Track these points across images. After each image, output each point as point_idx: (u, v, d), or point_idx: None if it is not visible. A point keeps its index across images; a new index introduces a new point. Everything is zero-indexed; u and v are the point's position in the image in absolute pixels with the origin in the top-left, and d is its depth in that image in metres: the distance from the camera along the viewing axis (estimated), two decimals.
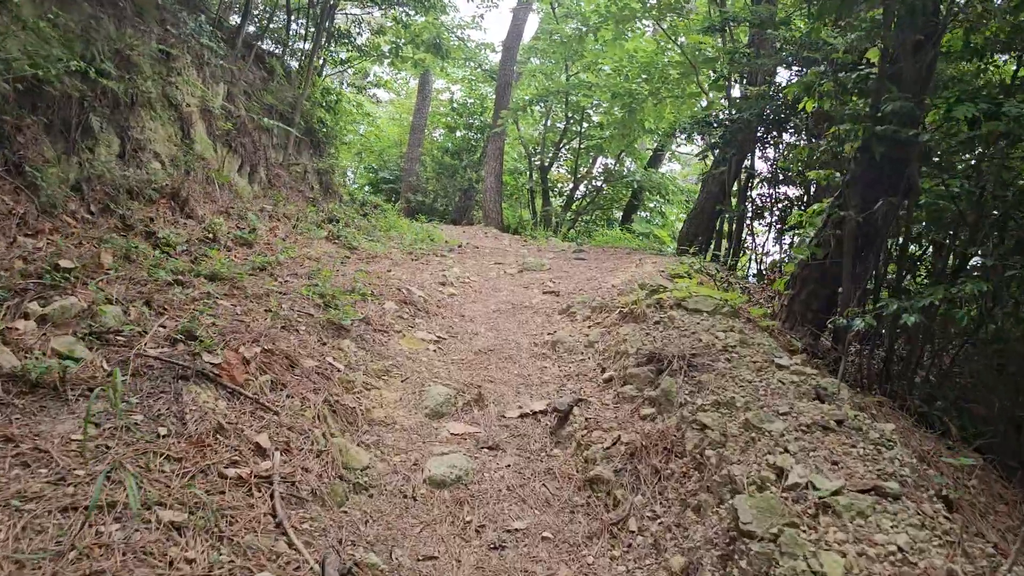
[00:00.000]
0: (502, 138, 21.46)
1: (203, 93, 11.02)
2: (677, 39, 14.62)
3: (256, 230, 8.85)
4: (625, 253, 11.72)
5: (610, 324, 6.55)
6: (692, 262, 9.75)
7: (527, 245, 16.82)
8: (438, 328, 6.96)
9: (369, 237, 10.73)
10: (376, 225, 13.24)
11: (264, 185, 11.99)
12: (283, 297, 6.39)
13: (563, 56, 19.70)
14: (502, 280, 9.14)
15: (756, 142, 12.18)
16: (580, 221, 21.99)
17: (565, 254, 11.94)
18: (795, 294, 6.59)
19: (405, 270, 8.82)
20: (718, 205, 12.81)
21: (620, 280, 8.34)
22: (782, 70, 12.48)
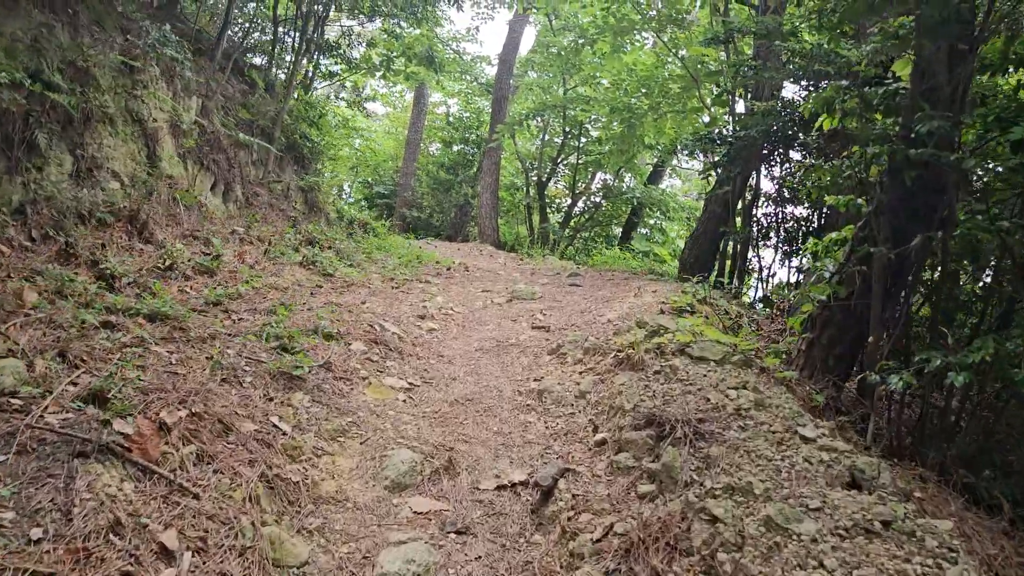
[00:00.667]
0: (498, 153, 20.67)
1: (173, 107, 10.24)
2: (678, 52, 13.83)
3: (220, 256, 8.03)
4: (623, 278, 10.88)
5: (604, 371, 5.71)
6: (695, 291, 8.91)
7: (522, 265, 15.99)
8: (411, 372, 6.12)
9: (349, 262, 9.90)
10: (361, 246, 12.43)
11: (240, 204, 11.19)
12: (231, 340, 5.56)
13: (560, 69, 18.94)
14: (489, 311, 8.31)
15: (762, 160, 11.36)
16: (578, 238, 21.17)
17: (560, 278, 11.10)
18: (814, 338, 5.75)
19: (382, 301, 7.98)
20: (722, 227, 11.98)
21: (616, 314, 7.50)
22: (789, 84, 11.68)
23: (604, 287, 9.76)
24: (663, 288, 9.22)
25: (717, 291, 9.85)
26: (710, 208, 12.25)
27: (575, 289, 9.66)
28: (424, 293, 8.76)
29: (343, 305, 7.30)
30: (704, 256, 12.28)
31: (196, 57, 11.91)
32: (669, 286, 9.59)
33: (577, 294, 9.26)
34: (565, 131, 20.38)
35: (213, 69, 12.04)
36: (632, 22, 13.48)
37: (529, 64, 21.50)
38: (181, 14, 13.08)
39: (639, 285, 9.50)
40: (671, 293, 8.77)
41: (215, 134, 10.88)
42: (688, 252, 12.40)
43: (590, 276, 11.32)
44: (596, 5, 13.19)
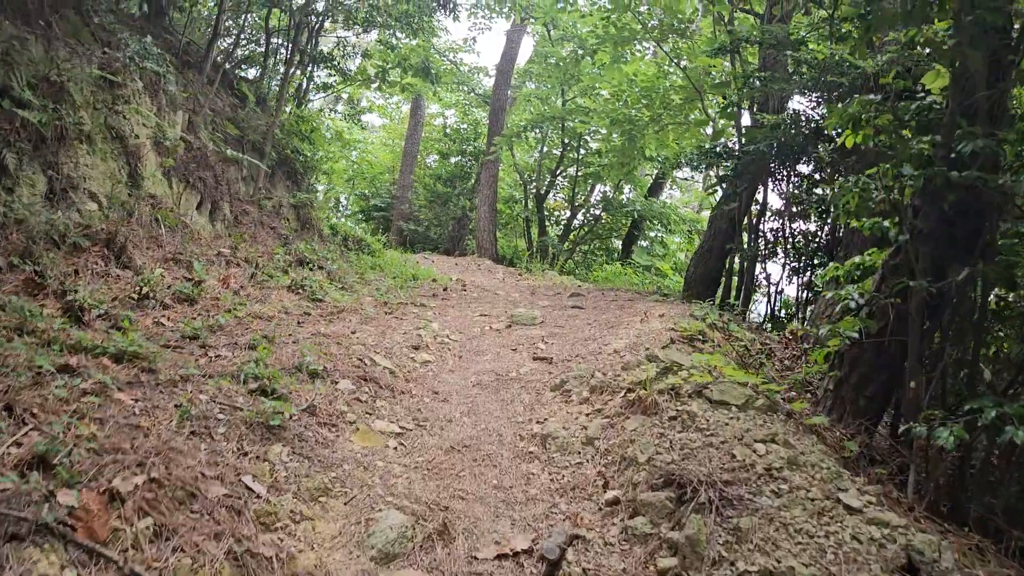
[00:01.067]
0: (496, 166, 20.19)
1: (157, 123, 9.74)
2: (680, 62, 13.36)
3: (202, 283, 7.50)
4: (627, 299, 10.36)
5: (613, 413, 5.18)
6: (704, 314, 8.40)
7: (521, 281, 15.50)
8: (403, 413, 5.59)
9: (341, 284, 9.38)
10: (355, 266, 11.91)
11: (229, 223, 10.67)
12: (205, 383, 5.03)
13: (559, 80, 18.47)
14: (487, 339, 7.79)
15: (769, 174, 10.87)
16: (578, 251, 20.67)
17: (561, 299, 10.59)
18: (843, 376, 5.23)
19: (374, 329, 7.46)
20: (728, 244, 11.48)
21: (623, 343, 6.98)
22: (796, 96, 11.20)
23: (608, 310, 9.24)
24: (670, 311, 8.70)
25: (726, 313, 9.34)
26: (716, 224, 11.76)
27: (577, 312, 9.14)
28: (419, 319, 8.24)
29: (332, 336, 6.78)
30: (710, 273, 11.78)
31: (184, 70, 11.43)
32: (676, 308, 9.08)
33: (580, 318, 8.74)
34: (564, 143, 19.91)
35: (201, 82, 11.56)
36: (633, 31, 13.01)
37: (527, 75, 21.05)
38: (170, 26, 12.60)
39: (645, 308, 8.98)
40: (679, 317, 8.25)
41: (202, 150, 10.38)
42: (694, 269, 11.89)
43: (592, 296, 10.81)
44: (596, 15, 12.72)
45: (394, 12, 15.09)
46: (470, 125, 23.93)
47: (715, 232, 11.78)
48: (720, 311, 9.41)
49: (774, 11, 11.31)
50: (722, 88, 10.87)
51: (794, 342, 8.64)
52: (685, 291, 11.81)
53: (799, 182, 10.95)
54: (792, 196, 11.23)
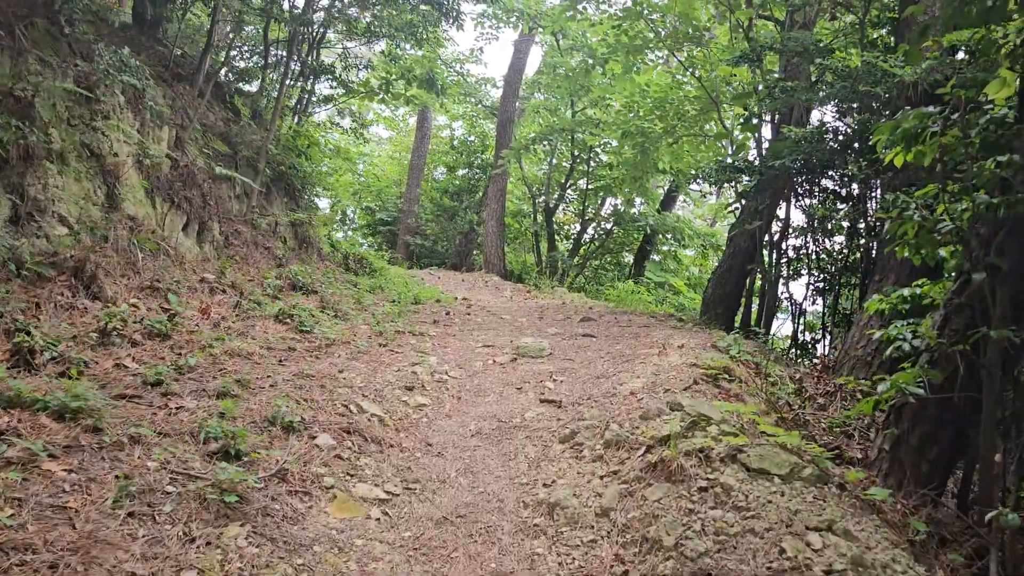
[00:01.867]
0: (504, 179, 19.48)
1: (140, 140, 9.06)
2: (695, 71, 12.61)
3: (176, 315, 6.78)
4: (641, 324, 9.58)
5: (632, 477, 4.41)
6: (727, 345, 7.62)
7: (529, 300, 14.75)
8: (391, 472, 4.84)
9: (334, 311, 8.65)
10: (353, 288, 11.18)
11: (218, 245, 9.97)
12: (159, 444, 4.29)
13: (568, 91, 17.75)
14: (490, 375, 7.02)
15: (793, 190, 10.09)
16: (588, 266, 19.90)
17: (571, 323, 9.82)
18: (901, 435, 4.44)
19: (365, 365, 6.71)
20: (748, 264, 10.70)
21: (641, 382, 6.20)
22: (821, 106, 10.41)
23: (622, 338, 8.47)
24: (689, 340, 7.92)
25: (749, 341, 8.55)
26: (735, 242, 10.97)
27: (589, 342, 8.37)
28: (416, 351, 7.49)
29: (316, 376, 6.03)
30: (729, 294, 10.99)
31: (174, 83, 10.77)
32: (696, 337, 8.30)
33: (591, 349, 7.97)
34: (574, 155, 19.17)
35: (193, 96, 10.89)
36: (645, 40, 12.28)
37: (535, 86, 20.35)
38: (164, 37, 11.96)
39: (662, 337, 8.20)
40: (700, 350, 7.47)
41: (189, 168, 9.69)
42: (712, 290, 11.11)
43: (604, 320, 10.03)
44: (606, 24, 12.00)
45: (396, 22, 14.42)
46: (478, 137, 23.25)
47: (734, 251, 11.00)
48: (744, 338, 8.64)
49: (796, 17, 10.56)
50: (743, 99, 10.11)
51: (825, 375, 7.84)
52: (703, 313, 11.03)
53: (823, 198, 10.16)
54: (817, 212, 10.45)
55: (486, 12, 18.23)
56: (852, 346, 7.87)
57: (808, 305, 11.17)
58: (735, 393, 6.10)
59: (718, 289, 11.01)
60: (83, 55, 8.22)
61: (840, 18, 9.47)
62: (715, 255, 19.63)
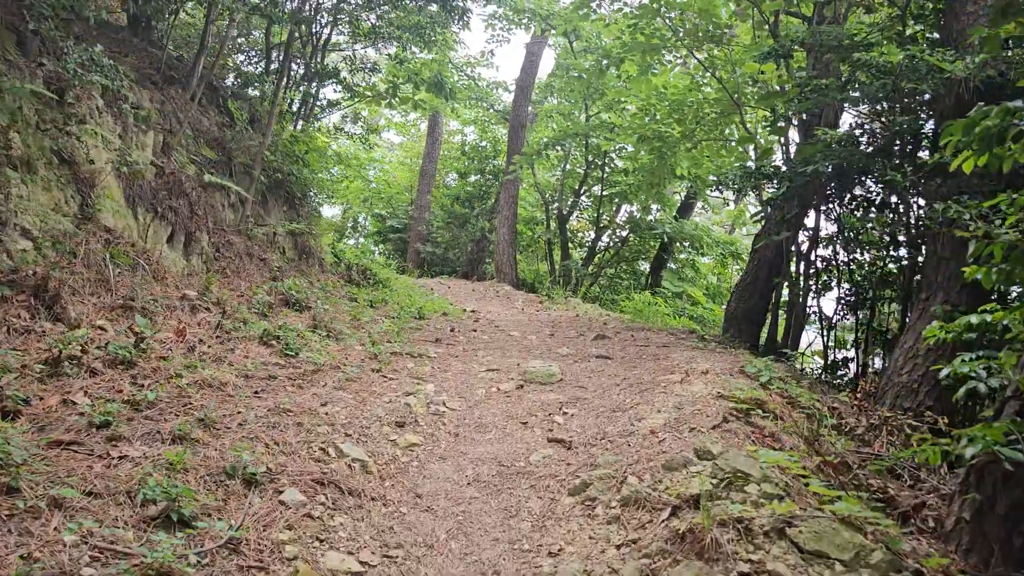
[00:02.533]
0: (516, 185, 18.71)
1: (122, 145, 8.38)
2: (715, 71, 11.79)
3: (145, 339, 6.04)
4: (660, 343, 8.76)
5: (656, 549, 3.60)
6: (757, 371, 6.80)
7: (541, 312, 13.96)
8: (370, 535, 4.05)
9: (327, 331, 7.90)
10: (355, 302, 10.45)
11: (207, 258, 9.26)
12: (87, 506, 3.54)
13: (582, 94, 16.95)
14: (492, 406, 6.24)
15: (825, 197, 9.24)
16: (603, 275, 19.07)
17: (584, 342, 9.02)
18: (985, 502, 3.61)
19: (352, 397, 5.94)
20: (775, 276, 9.86)
21: (662, 419, 5.40)
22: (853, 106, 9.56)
23: (639, 361, 7.66)
24: (714, 364, 7.11)
25: (780, 364, 7.71)
26: (760, 253, 10.13)
27: (603, 365, 7.56)
28: (412, 378, 6.72)
29: (294, 411, 5.27)
30: (754, 309, 10.15)
31: (167, 86, 10.09)
32: (720, 359, 7.48)
33: (606, 373, 7.16)
34: (588, 160, 18.36)
35: (185, 99, 10.21)
36: (663, 39, 11.47)
37: (548, 89, 19.58)
38: (159, 39, 11.29)
39: (683, 360, 7.39)
40: (727, 375, 6.66)
41: (176, 175, 8.99)
42: (735, 304, 10.26)
43: (620, 338, 9.22)
44: (622, 22, 11.21)
45: (403, 23, 13.70)
46: (489, 143, 22.50)
47: (759, 262, 10.15)
48: (774, 360, 7.82)
49: (825, 12, 9.72)
50: (770, 100, 9.28)
51: (866, 402, 6.99)
52: (725, 329, 10.20)
53: (855, 206, 9.30)
54: (849, 222, 9.60)
55: (496, 13, 17.49)
56: (896, 371, 7.02)
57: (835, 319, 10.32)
58: (770, 432, 5.28)
59: (741, 303, 10.17)
60: (56, 55, 7.54)
61: (877, 11, 8.63)
62: (735, 264, 18.76)
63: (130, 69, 9.21)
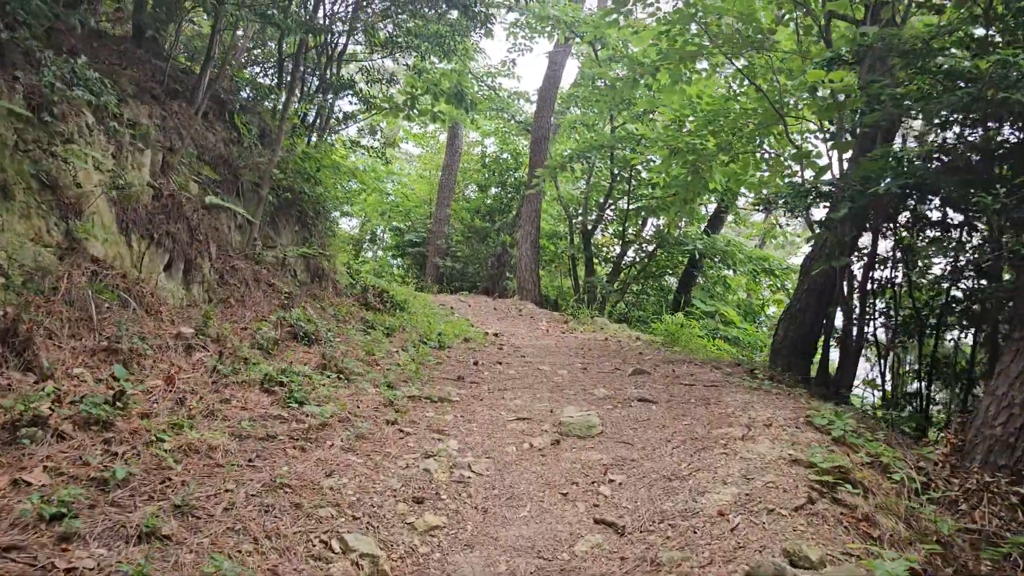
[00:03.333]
0: (538, 199, 17.81)
1: (115, 166, 7.57)
2: (754, 80, 10.83)
3: (123, 394, 5.18)
4: (706, 380, 7.79)
5: None
6: (828, 422, 5.83)
7: (567, 335, 13.05)
8: None
9: (338, 370, 7.01)
10: (371, 331, 9.58)
11: (209, 286, 8.42)
12: None
13: (608, 105, 16.03)
14: (526, 468, 5.31)
15: (888, 218, 8.26)
16: (629, 291, 18.11)
17: (621, 377, 8.08)
18: None
19: (364, 461, 5.04)
20: (829, 304, 8.88)
21: (730, 494, 4.46)
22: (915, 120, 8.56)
23: (687, 404, 6.70)
24: (775, 412, 6.15)
25: (846, 411, 6.73)
26: (810, 277, 9.14)
27: (647, 409, 6.61)
28: (433, 431, 5.81)
29: (294, 486, 4.38)
30: (804, 339, 9.16)
31: (170, 100, 9.30)
32: (779, 403, 6.52)
33: (652, 423, 6.21)
34: (613, 173, 17.44)
35: (190, 114, 9.42)
36: (699, 46, 10.53)
37: (572, 99, 18.68)
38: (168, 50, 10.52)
39: (738, 405, 6.43)
40: (793, 427, 5.70)
41: (175, 197, 8.17)
42: (783, 334, 9.27)
43: (660, 372, 8.28)
44: (657, 26, 10.27)
45: (423, 32, 12.87)
46: (511, 154, 21.64)
47: (809, 287, 9.16)
48: (838, 404, 6.85)
49: (883, 14, 8.75)
50: (830, 111, 8.29)
51: (953, 457, 6.00)
52: (773, 361, 9.21)
53: (921, 227, 8.32)
54: (908, 242, 8.62)
55: (518, 21, 16.62)
56: (987, 422, 6.02)
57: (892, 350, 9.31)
58: (863, 514, 4.32)
59: (789, 332, 9.19)
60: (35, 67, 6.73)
61: (947, 13, 7.65)
62: (769, 281, 17.73)
63: (128, 82, 8.43)
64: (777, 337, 9.36)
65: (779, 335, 9.33)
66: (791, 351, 9.05)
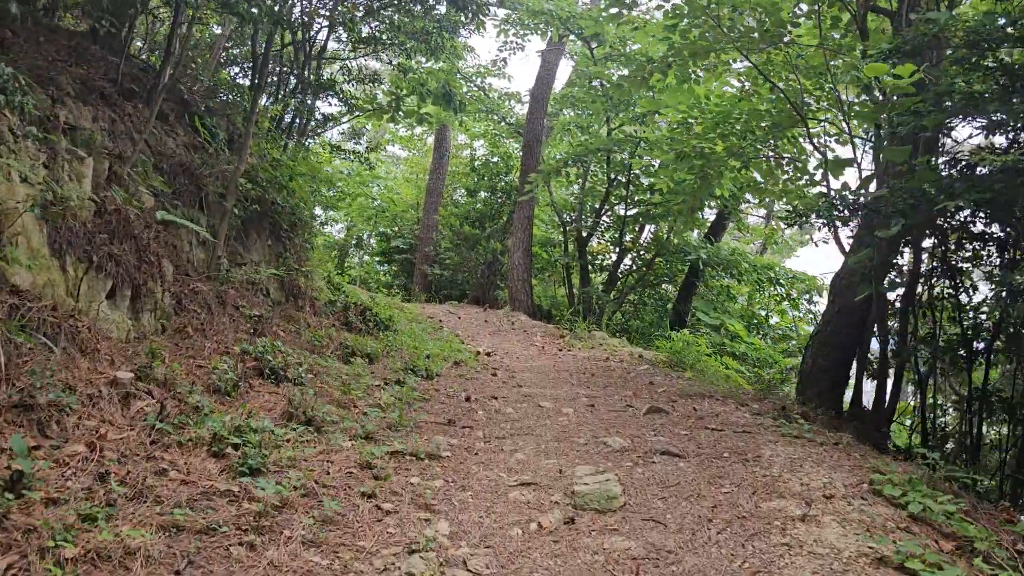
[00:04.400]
0: (531, 206, 16.66)
1: (47, 178, 6.36)
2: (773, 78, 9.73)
3: (22, 476, 3.98)
4: (736, 426, 6.63)
5: None
6: (902, 493, 4.72)
7: (564, 351, 11.93)
8: None
9: (307, 416, 5.82)
10: (351, 358, 8.42)
11: (164, 314, 7.20)
12: None
13: (605, 106, 14.91)
14: (536, 562, 4.13)
15: (939, 234, 7.17)
16: (627, 301, 17.00)
17: (635, 418, 6.95)
18: None
19: (330, 562, 3.87)
20: (865, 330, 7.79)
21: None
22: None
23: (720, 461, 5.56)
24: (831, 475, 5.03)
25: (905, 466, 5.62)
26: (843, 297, 8.04)
27: (674, 467, 5.46)
28: (418, 506, 4.64)
29: None
30: (836, 366, 8.06)
31: (124, 101, 8.10)
32: (832, 462, 5.40)
33: (684, 488, 5.06)
34: (610, 178, 16.31)
35: (146, 117, 8.20)
36: (711, 43, 9.41)
37: (566, 100, 17.53)
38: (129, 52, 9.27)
39: (782, 463, 5.30)
40: (859, 500, 4.59)
41: (121, 212, 6.96)
42: (812, 362, 8.16)
43: (678, 411, 7.16)
44: (666, 18, 9.14)
45: (409, 28, 11.69)
46: (501, 158, 20.45)
47: (841, 309, 8.06)
48: (885, 451, 5.74)
49: (922, 3, 7.66)
50: (873, 113, 7.18)
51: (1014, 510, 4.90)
52: (800, 391, 8.12)
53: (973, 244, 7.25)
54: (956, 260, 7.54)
55: (510, 17, 15.45)
56: None
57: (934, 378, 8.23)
58: None
59: (819, 359, 8.09)
60: None
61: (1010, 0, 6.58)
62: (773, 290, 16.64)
63: (70, 81, 7.22)
64: (805, 365, 8.25)
65: (807, 362, 8.22)
66: (821, 380, 7.96)
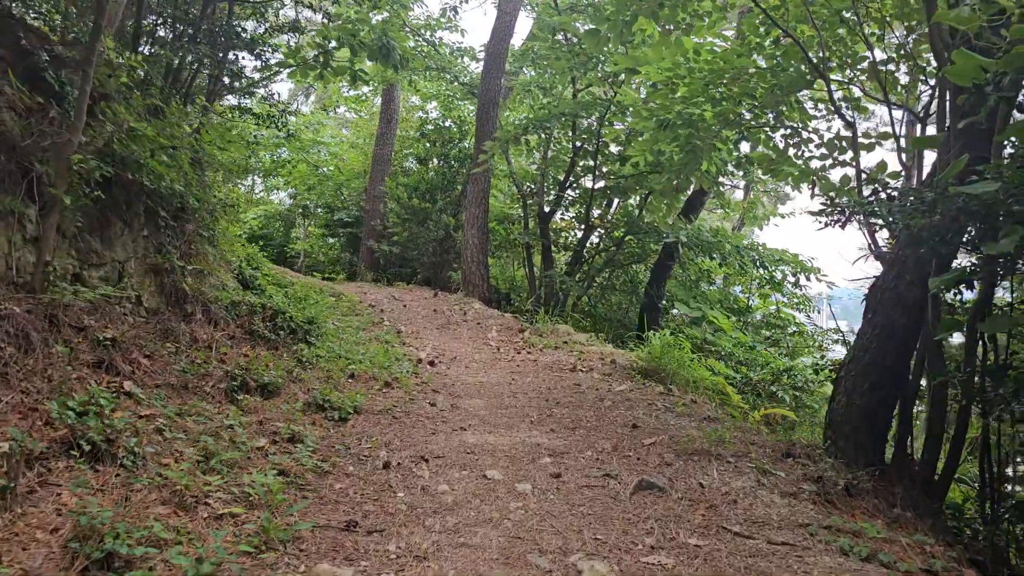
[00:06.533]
0: (487, 178, 14.28)
1: None
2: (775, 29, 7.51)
3: None
4: (765, 521, 4.53)
5: None
6: None
7: (525, 351, 9.80)
8: None
9: (100, 555, 3.53)
10: (242, 388, 6.12)
11: None
12: None
13: (570, 64, 12.53)
14: None
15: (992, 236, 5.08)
16: (595, 285, 14.86)
17: (622, 509, 4.78)
18: None
19: None
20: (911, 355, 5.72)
21: None
22: None
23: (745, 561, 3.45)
24: None
25: None
26: (884, 312, 5.94)
27: None
28: None
29: None
30: (876, 408, 5.96)
31: None
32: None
33: None
34: (576, 146, 13.99)
35: None
36: None
37: (526, 57, 15.06)
38: None
39: None
40: None
41: None
42: (846, 399, 6.04)
43: (680, 485, 5.02)
44: None
45: None
46: (455, 122, 17.94)
47: (883, 329, 5.95)
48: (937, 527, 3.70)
49: None
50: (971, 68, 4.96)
51: None
52: (831, 439, 6.03)
53: None
54: None
55: None
56: None
57: None
58: None
59: (855, 398, 5.97)
60: None
61: None
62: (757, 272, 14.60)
63: None
64: (836, 404, 6.13)
65: (839, 400, 6.10)
66: (858, 425, 5.87)
